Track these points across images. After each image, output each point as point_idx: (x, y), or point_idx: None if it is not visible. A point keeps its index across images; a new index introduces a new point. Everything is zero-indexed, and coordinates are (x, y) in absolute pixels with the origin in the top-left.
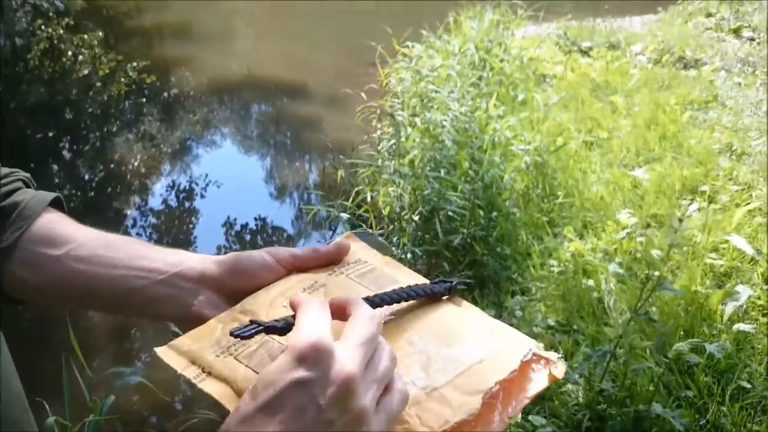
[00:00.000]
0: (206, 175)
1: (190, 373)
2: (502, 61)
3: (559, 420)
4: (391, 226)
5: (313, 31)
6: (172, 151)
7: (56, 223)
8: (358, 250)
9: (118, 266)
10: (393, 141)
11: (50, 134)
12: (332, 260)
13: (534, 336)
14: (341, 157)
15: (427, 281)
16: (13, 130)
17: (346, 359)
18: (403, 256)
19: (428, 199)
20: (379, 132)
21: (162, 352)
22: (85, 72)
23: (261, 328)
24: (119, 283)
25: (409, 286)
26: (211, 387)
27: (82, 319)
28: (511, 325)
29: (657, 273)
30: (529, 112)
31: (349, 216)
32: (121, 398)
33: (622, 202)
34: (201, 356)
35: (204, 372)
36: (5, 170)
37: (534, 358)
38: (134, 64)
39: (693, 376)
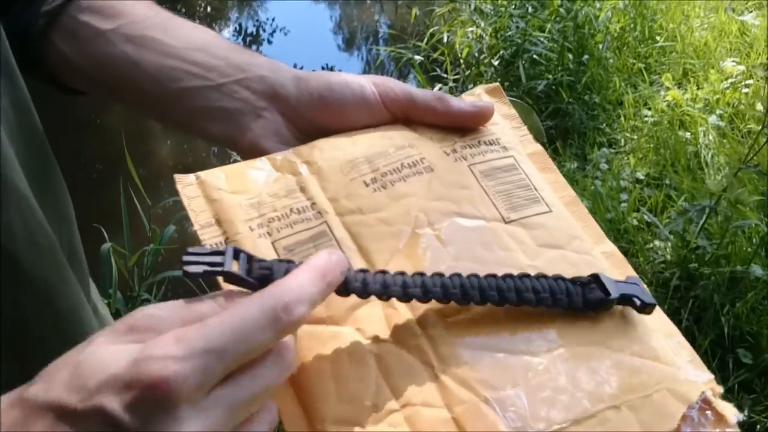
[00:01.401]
0: (272, 20)
1: (208, 236)
2: None
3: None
4: (468, 71)
5: None
6: None
7: None
8: (499, 118)
9: (170, 55)
10: None
11: None
12: (462, 125)
13: (620, 190)
14: None
15: (599, 233)
16: None
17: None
18: None
19: (511, 40)
20: None
21: (183, 184)
22: None
23: (219, 269)
24: (167, 77)
25: (554, 278)
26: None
27: (141, 145)
28: (594, 179)
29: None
30: None
31: (422, 59)
32: (181, 228)
33: (728, 50)
34: (231, 218)
35: (227, 242)
36: None
37: (702, 407)
38: None
39: None
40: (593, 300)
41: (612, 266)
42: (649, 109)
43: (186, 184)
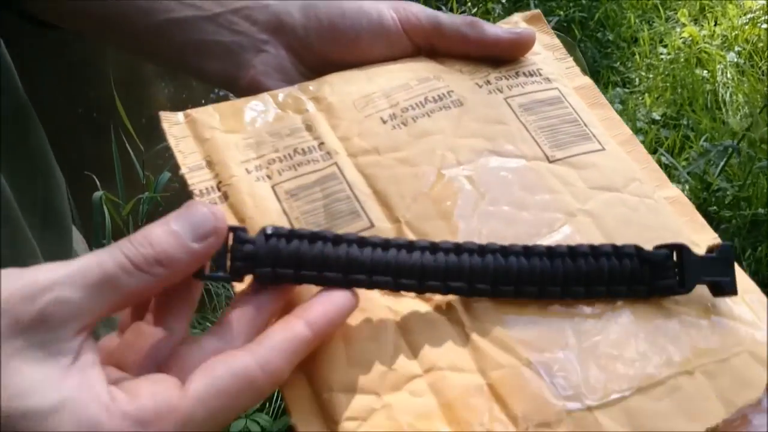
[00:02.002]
0: None
1: (197, 180)
2: None
3: None
4: (474, 9)
5: None
6: None
7: None
8: (540, 49)
9: None
10: None
11: None
12: (497, 55)
13: (636, 131)
14: None
15: (662, 176)
16: None
17: None
18: None
19: None
20: None
21: (170, 123)
22: None
23: (221, 275)
24: (156, 7)
25: (594, 250)
26: None
27: (135, 91)
28: None
29: None
30: None
31: None
32: (177, 174)
33: None
34: (224, 159)
35: (219, 189)
36: None
37: None
38: None
39: None
40: (660, 288)
41: (677, 213)
42: (665, 46)
43: (173, 123)
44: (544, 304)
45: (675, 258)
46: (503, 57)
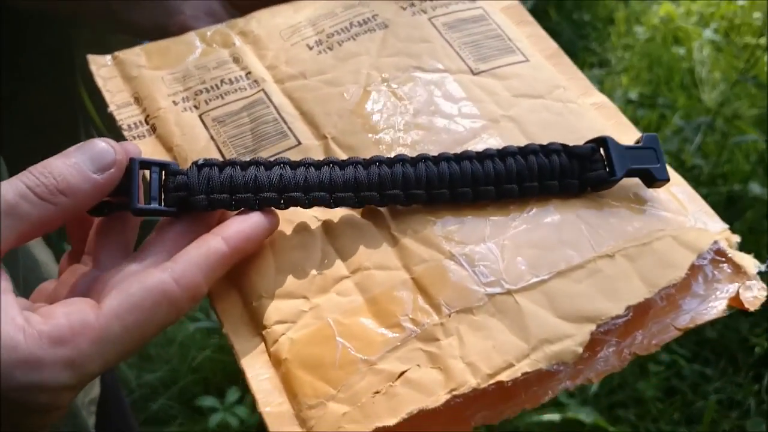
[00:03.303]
0: None
1: (125, 116)
2: None
3: None
4: None
5: None
6: None
7: None
8: None
9: None
10: None
11: None
12: None
13: None
14: None
15: (588, 85)
16: None
17: None
18: None
19: None
20: None
21: (98, 65)
22: None
23: (129, 207)
24: None
25: (521, 150)
26: (146, 152)
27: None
28: None
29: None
30: None
31: None
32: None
33: None
34: (151, 93)
35: (147, 123)
36: None
37: (715, 259)
38: None
39: None
40: (592, 180)
41: (603, 117)
42: (642, 25)
43: (101, 65)
44: (477, 207)
45: (602, 151)
46: None
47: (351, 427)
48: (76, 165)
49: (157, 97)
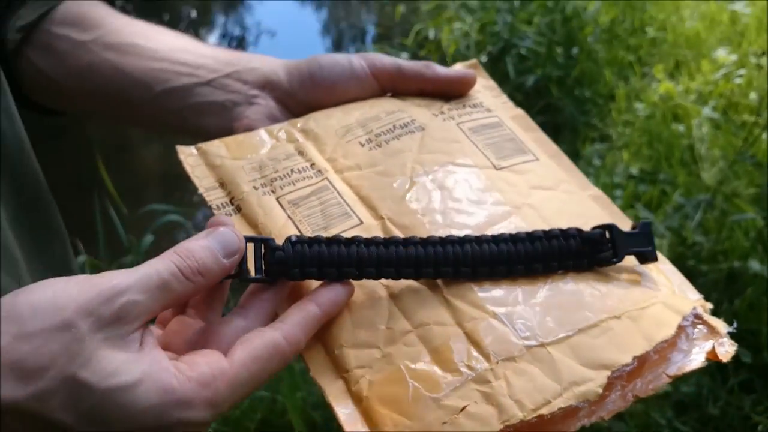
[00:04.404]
0: (259, 24)
1: (213, 197)
2: None
3: None
4: None
5: None
6: None
7: (90, 6)
8: (481, 89)
9: (156, 59)
10: None
11: None
12: (447, 91)
13: (613, 187)
14: None
15: (584, 181)
16: None
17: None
18: None
19: (498, 35)
20: None
21: (185, 153)
22: None
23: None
24: (156, 79)
25: (547, 235)
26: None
27: (116, 155)
28: (587, 174)
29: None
30: None
31: (408, 56)
32: (162, 237)
33: (719, 39)
34: (234, 180)
35: (233, 204)
36: None
37: (694, 321)
38: None
39: None
40: (600, 260)
41: (599, 206)
42: (642, 102)
43: (188, 155)
44: (510, 278)
45: (607, 235)
46: (452, 93)
47: None
48: (210, 250)
49: (240, 183)
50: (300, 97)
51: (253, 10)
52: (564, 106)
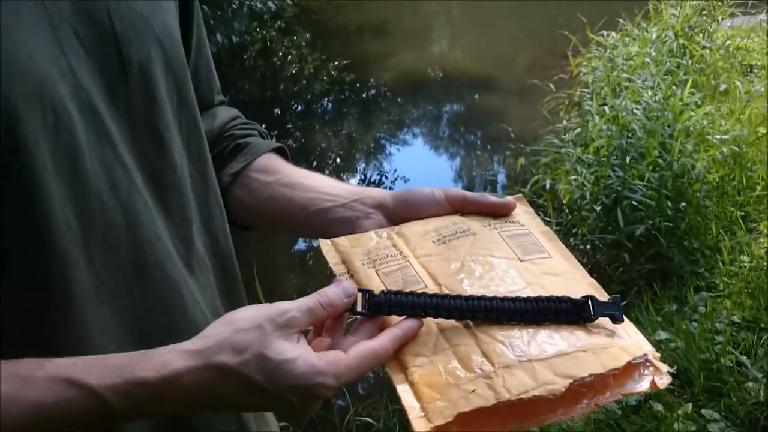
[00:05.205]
0: (395, 170)
1: (338, 269)
2: (703, 48)
3: (735, 417)
4: (570, 216)
5: (507, 25)
6: (363, 146)
7: (274, 160)
8: (521, 212)
9: (312, 191)
10: (578, 130)
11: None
12: (495, 211)
13: (715, 332)
14: (522, 146)
15: (584, 273)
16: None
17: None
18: (582, 247)
19: (612, 187)
20: (565, 122)
21: (324, 243)
22: (293, 70)
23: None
24: (311, 204)
25: (547, 299)
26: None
27: (269, 275)
28: (692, 321)
29: None
30: (730, 102)
31: None
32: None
33: None
34: (351, 259)
35: (348, 272)
36: (249, 121)
37: (645, 363)
38: (336, 62)
39: None
40: (584, 317)
41: (594, 290)
42: (747, 255)
43: (325, 243)
44: (513, 325)
45: (590, 303)
46: (499, 213)
47: (447, 411)
48: (337, 294)
49: (354, 261)
50: (399, 214)
51: (391, 157)
52: (672, 255)
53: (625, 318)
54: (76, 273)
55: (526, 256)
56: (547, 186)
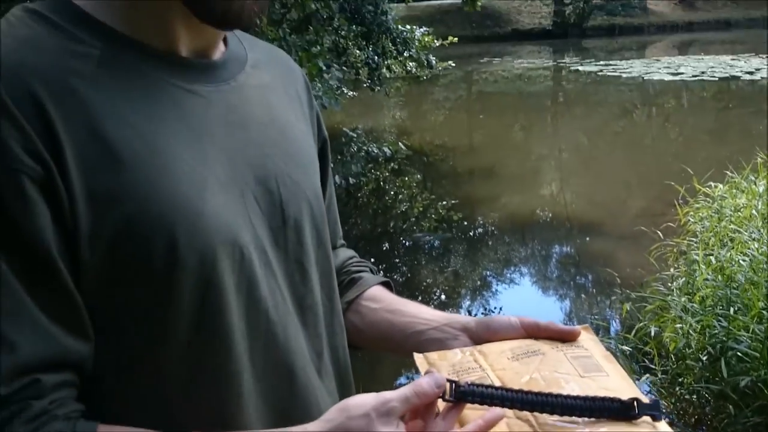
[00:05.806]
0: (500, 308)
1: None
2: None
3: None
4: (675, 365)
5: (615, 172)
6: (469, 283)
7: (380, 291)
8: (586, 339)
9: (409, 316)
10: (684, 278)
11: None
12: (563, 337)
13: None
14: (628, 291)
15: (636, 390)
16: None
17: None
18: (687, 396)
19: (717, 337)
20: (672, 270)
21: (418, 356)
22: (403, 209)
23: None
24: (408, 327)
25: (602, 398)
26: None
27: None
28: None
29: None
30: None
31: (630, 349)
32: None
33: None
34: (439, 370)
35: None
36: (362, 260)
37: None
38: (444, 202)
39: None
40: (631, 415)
41: (634, 392)
42: None
43: (419, 357)
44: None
45: (635, 403)
46: (566, 339)
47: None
48: (430, 384)
49: (442, 371)
50: (482, 337)
51: (498, 295)
52: None
53: (662, 419)
54: (244, 373)
55: (586, 374)
56: (652, 333)
